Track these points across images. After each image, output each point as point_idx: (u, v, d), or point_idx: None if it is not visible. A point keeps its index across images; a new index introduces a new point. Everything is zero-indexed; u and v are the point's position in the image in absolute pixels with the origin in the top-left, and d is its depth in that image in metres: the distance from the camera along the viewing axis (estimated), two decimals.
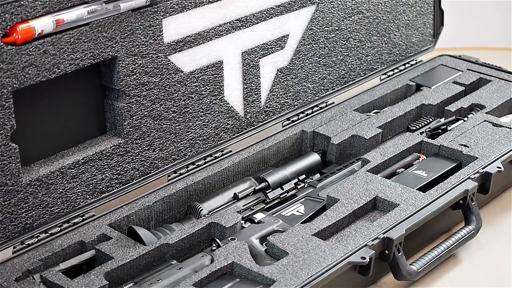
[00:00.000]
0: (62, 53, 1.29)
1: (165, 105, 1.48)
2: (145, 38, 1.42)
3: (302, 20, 1.72)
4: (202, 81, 1.54)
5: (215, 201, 1.45)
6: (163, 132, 1.48)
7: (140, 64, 1.42)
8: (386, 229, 1.33)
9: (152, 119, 1.46)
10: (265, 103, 1.66)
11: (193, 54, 1.52)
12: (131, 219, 1.40)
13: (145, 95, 1.44)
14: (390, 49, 1.92)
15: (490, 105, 1.76)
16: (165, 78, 1.47)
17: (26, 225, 1.31)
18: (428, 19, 2.00)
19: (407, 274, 1.32)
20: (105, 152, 1.40)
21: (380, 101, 1.83)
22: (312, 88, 1.75)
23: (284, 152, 1.65)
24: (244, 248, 1.30)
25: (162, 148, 1.49)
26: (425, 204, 1.40)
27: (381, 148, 1.60)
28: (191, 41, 1.50)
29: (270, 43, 1.65)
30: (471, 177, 1.48)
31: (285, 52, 1.69)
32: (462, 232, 1.42)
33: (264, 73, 1.66)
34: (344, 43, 1.80)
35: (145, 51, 1.43)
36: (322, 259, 1.26)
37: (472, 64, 1.97)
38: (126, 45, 1.39)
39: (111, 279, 1.25)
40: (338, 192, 1.44)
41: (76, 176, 1.37)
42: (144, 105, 1.44)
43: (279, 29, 1.67)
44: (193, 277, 1.23)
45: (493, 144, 1.59)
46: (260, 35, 1.64)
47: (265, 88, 1.66)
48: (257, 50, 1.63)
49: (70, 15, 1.28)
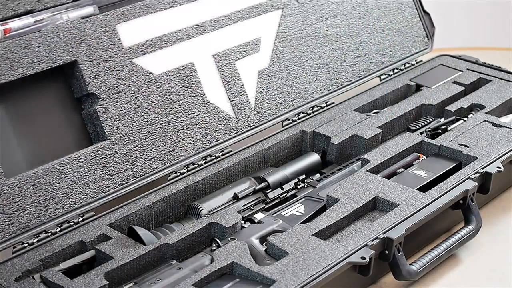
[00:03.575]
0: (17, 57, 1.34)
1: (143, 106, 1.49)
2: (102, 42, 1.45)
3: (271, 24, 1.73)
4: (177, 82, 1.55)
5: (215, 201, 1.45)
6: (148, 133, 1.49)
7: (104, 67, 1.45)
8: (386, 229, 1.33)
9: (132, 120, 1.47)
10: (256, 104, 1.66)
11: (160, 57, 1.53)
12: (131, 219, 1.40)
13: (117, 97, 1.46)
14: (381, 52, 1.91)
15: (490, 105, 1.76)
16: (135, 80, 1.49)
17: (21, 224, 1.31)
18: (416, 22, 1.99)
19: (407, 274, 1.32)
20: (89, 152, 1.41)
21: (380, 101, 1.83)
22: (305, 88, 1.75)
23: (284, 152, 1.65)
24: (244, 248, 1.30)
25: (152, 149, 1.49)
26: (425, 204, 1.40)
27: (381, 148, 1.60)
28: (153, 45, 1.52)
29: (242, 46, 1.66)
30: (471, 177, 1.48)
31: (262, 55, 1.70)
32: (462, 232, 1.42)
33: (245, 74, 1.66)
34: (326, 47, 1.81)
35: (106, 55, 1.46)
36: (322, 259, 1.26)
37: (472, 64, 1.97)
38: (83, 49, 1.43)
39: (111, 279, 1.25)
40: (338, 192, 1.44)
41: (65, 176, 1.37)
42: (120, 106, 1.46)
43: (248, 32, 1.68)
44: (193, 277, 1.23)
45: (493, 144, 1.59)
46: (229, 38, 1.65)
47: (251, 89, 1.66)
48: (229, 53, 1.64)
49: (17, 23, 1.35)
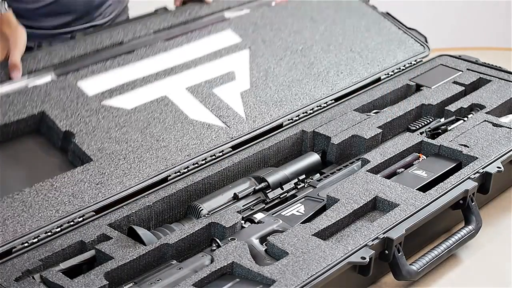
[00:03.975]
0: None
1: (122, 131, 1.52)
2: (65, 95, 1.51)
3: (242, 60, 1.76)
4: (154, 112, 1.57)
5: (215, 201, 1.45)
6: (134, 147, 1.51)
7: (72, 110, 1.49)
8: (386, 229, 1.32)
9: (115, 143, 1.49)
10: (247, 117, 1.66)
11: (129, 97, 1.57)
12: (131, 219, 1.40)
13: (93, 127, 1.50)
14: (371, 63, 1.92)
15: (490, 105, 1.76)
16: (107, 115, 1.52)
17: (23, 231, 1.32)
18: (405, 37, 2.01)
19: (407, 274, 1.32)
20: (76, 173, 1.43)
21: (380, 101, 1.82)
22: (299, 93, 1.76)
23: (284, 152, 1.65)
24: (244, 248, 1.29)
25: (142, 159, 1.50)
26: (425, 204, 1.40)
27: (381, 148, 1.60)
28: (119, 89, 1.55)
29: (216, 78, 1.69)
30: (471, 177, 1.47)
31: (239, 81, 1.71)
32: (462, 232, 1.42)
33: (226, 96, 1.67)
34: (308, 68, 1.82)
35: (73, 105, 1.51)
36: (322, 259, 1.26)
37: (472, 64, 1.97)
38: (49, 102, 1.49)
39: (111, 279, 1.25)
40: (338, 192, 1.44)
41: (60, 189, 1.39)
42: (98, 135, 1.49)
43: (221, 68, 1.72)
44: (193, 277, 1.23)
45: (493, 144, 1.59)
46: (201, 74, 1.68)
47: (237, 107, 1.66)
48: (204, 84, 1.67)
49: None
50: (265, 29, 1.88)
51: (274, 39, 1.86)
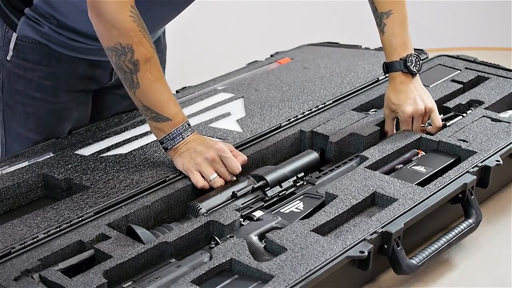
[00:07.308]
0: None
1: (108, 160, 1.57)
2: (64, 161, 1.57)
3: (237, 105, 1.80)
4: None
5: (214, 200, 1.44)
6: (121, 167, 1.55)
7: (66, 164, 1.57)
8: (384, 223, 1.32)
9: (101, 172, 1.53)
10: (244, 131, 1.68)
11: (126, 148, 1.64)
12: (130, 219, 1.40)
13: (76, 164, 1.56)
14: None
15: (489, 101, 1.76)
16: (106, 163, 1.58)
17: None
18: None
19: (406, 268, 1.31)
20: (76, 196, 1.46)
21: (379, 100, 1.82)
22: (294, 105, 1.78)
23: (283, 152, 1.65)
24: (242, 244, 1.29)
25: (133, 173, 1.53)
26: (424, 198, 1.39)
27: (380, 145, 1.60)
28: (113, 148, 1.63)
29: (212, 118, 1.73)
30: (470, 171, 1.47)
31: (234, 115, 1.75)
32: (462, 225, 1.41)
33: (223, 125, 1.70)
34: (300, 94, 1.86)
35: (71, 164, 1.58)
36: (321, 254, 1.25)
37: (470, 63, 1.97)
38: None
39: (110, 277, 1.24)
40: (336, 188, 1.43)
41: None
42: (81, 166, 1.55)
43: (218, 112, 1.76)
44: (192, 274, 1.22)
45: (492, 138, 1.59)
46: (197, 118, 1.74)
47: (234, 128, 1.68)
48: (199, 123, 1.71)
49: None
50: (257, 81, 1.95)
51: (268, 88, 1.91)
